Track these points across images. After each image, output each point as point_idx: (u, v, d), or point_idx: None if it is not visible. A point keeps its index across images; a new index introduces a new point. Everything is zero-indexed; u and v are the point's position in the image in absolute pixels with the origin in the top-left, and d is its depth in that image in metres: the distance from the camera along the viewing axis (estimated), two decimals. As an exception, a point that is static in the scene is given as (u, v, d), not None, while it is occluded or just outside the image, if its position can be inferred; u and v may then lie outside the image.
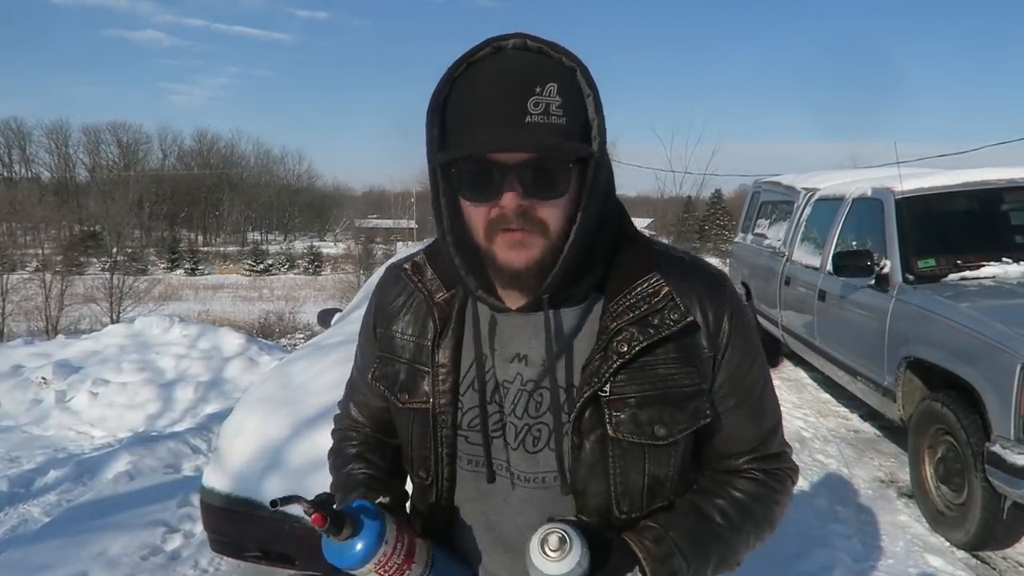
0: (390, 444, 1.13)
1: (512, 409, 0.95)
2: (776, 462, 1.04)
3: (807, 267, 6.03)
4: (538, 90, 0.82)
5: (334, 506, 0.84)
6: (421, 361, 1.00)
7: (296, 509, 0.81)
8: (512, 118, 0.82)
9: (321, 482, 3.15)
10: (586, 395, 0.91)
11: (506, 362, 0.96)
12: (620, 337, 0.91)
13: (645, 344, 0.91)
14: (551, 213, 0.87)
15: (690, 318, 0.93)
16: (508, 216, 0.85)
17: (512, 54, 0.86)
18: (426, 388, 0.99)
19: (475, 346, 0.96)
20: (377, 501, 0.95)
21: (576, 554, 0.82)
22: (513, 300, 0.94)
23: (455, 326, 0.98)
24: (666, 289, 0.93)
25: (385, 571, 0.87)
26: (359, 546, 0.84)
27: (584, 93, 0.87)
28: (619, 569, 0.88)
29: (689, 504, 0.98)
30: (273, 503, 0.84)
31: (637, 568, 0.89)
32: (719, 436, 1.00)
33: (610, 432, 0.91)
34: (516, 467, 0.96)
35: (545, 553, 0.82)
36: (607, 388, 0.91)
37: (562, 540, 0.82)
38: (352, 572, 0.87)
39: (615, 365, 0.90)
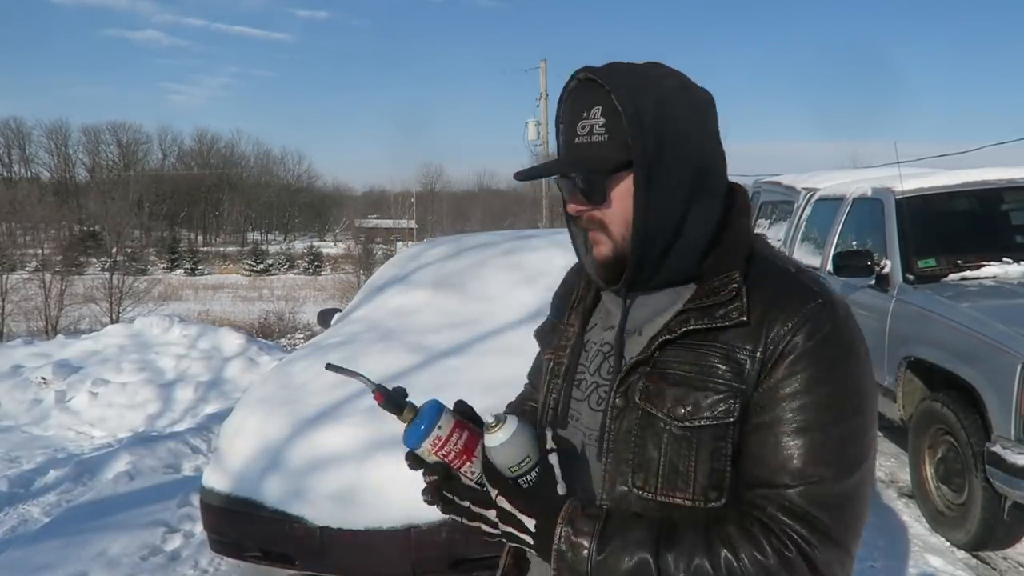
0: None
1: (588, 367, 1.08)
2: (791, 518, 0.88)
3: (807, 267, 6.03)
4: (585, 115, 0.97)
5: (407, 399, 1.00)
6: (562, 320, 1.16)
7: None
8: (567, 142, 1.00)
9: (322, 482, 3.12)
10: (631, 362, 0.99)
11: (603, 330, 1.09)
12: (680, 318, 0.98)
13: (694, 328, 0.95)
14: (608, 216, 0.99)
15: (744, 316, 0.93)
16: (578, 219, 1.03)
17: (578, 85, 1.00)
18: (555, 343, 1.15)
19: (590, 313, 1.12)
20: (455, 403, 1.07)
21: (509, 429, 0.93)
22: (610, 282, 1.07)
23: (593, 296, 1.13)
24: (736, 285, 0.96)
25: (443, 455, 0.98)
26: (421, 427, 0.97)
27: (618, 112, 0.95)
28: (549, 506, 0.93)
29: (664, 518, 0.93)
30: (329, 366, 0.99)
31: (551, 519, 0.92)
32: (746, 454, 0.92)
33: (637, 400, 0.97)
34: (585, 423, 1.05)
35: (489, 431, 0.95)
36: (652, 361, 0.97)
37: (498, 418, 0.94)
38: (416, 452, 1.00)
39: (660, 340, 0.97)
